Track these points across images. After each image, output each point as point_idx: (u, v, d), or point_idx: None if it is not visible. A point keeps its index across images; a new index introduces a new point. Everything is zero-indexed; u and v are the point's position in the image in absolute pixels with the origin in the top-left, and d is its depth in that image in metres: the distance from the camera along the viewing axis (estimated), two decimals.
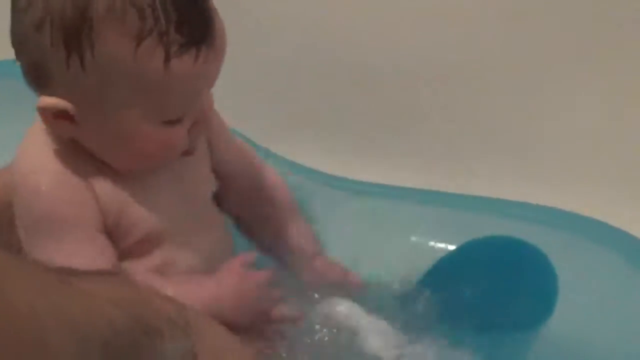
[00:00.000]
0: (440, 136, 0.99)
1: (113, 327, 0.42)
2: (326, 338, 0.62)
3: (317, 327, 0.62)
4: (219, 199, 0.66)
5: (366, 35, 1.01)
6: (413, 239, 0.81)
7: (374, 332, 0.63)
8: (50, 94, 0.52)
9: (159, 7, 0.50)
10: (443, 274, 0.73)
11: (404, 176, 0.89)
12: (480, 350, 0.67)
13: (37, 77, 0.53)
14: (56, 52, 0.50)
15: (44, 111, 0.53)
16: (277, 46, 1.04)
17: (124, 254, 0.58)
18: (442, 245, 0.80)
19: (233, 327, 0.55)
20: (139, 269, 0.58)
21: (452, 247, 0.78)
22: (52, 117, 0.53)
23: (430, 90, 0.99)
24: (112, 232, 0.57)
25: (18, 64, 0.54)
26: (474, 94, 0.98)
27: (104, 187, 0.56)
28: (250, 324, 0.59)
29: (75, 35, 0.49)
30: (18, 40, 0.52)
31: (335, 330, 0.62)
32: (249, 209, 0.69)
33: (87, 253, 0.55)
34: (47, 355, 0.37)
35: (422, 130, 1.00)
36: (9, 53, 0.54)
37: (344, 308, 0.63)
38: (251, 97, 1.03)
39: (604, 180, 0.91)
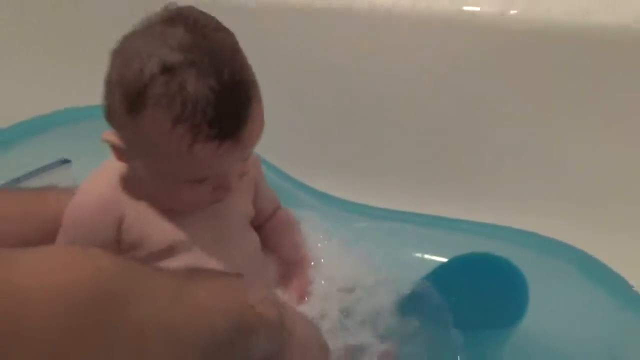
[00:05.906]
0: (443, 168, 1.06)
1: (214, 332, 0.47)
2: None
3: None
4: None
5: (378, 72, 1.08)
6: (416, 254, 0.91)
7: None
8: (114, 131, 0.64)
9: (201, 103, 0.57)
10: (434, 283, 0.83)
11: (402, 201, 0.98)
12: (465, 347, 0.77)
13: (108, 116, 0.64)
14: (118, 105, 0.61)
15: (107, 142, 0.65)
16: (299, 84, 1.12)
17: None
18: (434, 258, 0.90)
19: None
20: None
21: (442, 260, 0.89)
22: (112, 148, 0.65)
23: (434, 123, 1.05)
24: (128, 244, 0.65)
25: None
26: (463, 127, 1.05)
27: (134, 214, 0.65)
28: None
29: (132, 99, 0.58)
30: (105, 90, 0.63)
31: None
32: (263, 228, 0.79)
33: None
34: None
35: (427, 162, 1.07)
36: None
37: None
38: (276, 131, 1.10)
39: (565, 206, 1.01)
